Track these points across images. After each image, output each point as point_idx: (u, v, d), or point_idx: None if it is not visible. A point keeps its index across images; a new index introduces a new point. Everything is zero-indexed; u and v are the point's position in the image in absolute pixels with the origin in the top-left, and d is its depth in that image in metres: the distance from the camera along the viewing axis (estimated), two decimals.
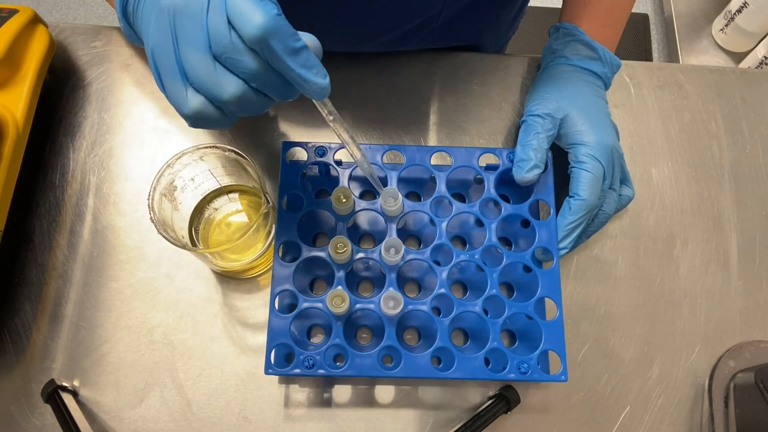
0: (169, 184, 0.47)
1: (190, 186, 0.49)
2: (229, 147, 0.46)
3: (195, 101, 0.34)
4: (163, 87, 0.36)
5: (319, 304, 0.46)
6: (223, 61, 0.33)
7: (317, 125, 0.58)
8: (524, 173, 0.48)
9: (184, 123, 0.37)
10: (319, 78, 0.35)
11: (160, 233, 0.43)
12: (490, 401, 0.49)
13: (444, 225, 0.49)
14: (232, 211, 0.54)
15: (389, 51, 0.61)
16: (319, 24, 0.57)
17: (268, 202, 0.44)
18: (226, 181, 0.52)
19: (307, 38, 0.35)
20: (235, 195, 0.54)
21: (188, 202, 0.51)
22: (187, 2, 0.33)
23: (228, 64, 0.34)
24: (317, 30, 0.38)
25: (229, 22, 0.33)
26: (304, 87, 0.35)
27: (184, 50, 0.33)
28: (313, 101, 0.39)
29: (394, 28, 0.58)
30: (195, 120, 0.36)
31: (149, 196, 0.44)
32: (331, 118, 0.41)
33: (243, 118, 0.58)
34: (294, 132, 0.58)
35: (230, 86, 0.34)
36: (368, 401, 0.50)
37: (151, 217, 0.43)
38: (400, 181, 0.50)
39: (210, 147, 0.46)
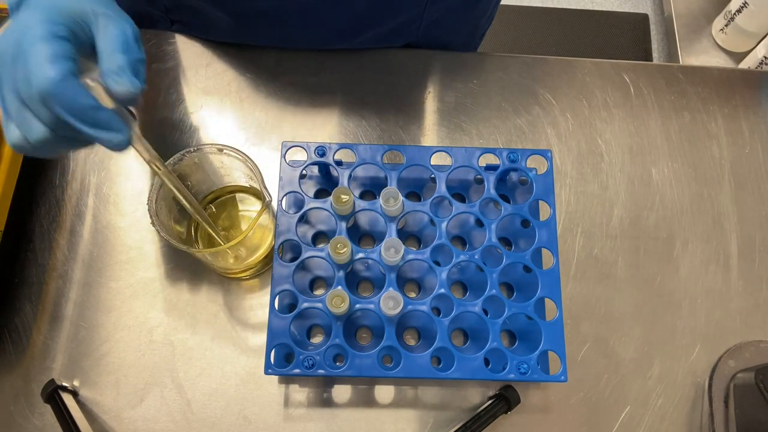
0: (168, 187, 0.47)
1: (188, 187, 0.49)
2: (227, 146, 0.46)
3: (14, 135, 0.36)
4: None
5: (319, 304, 0.46)
6: (29, 107, 0.34)
7: (317, 125, 0.58)
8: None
9: (184, 123, 0.37)
10: (111, 135, 0.35)
11: (161, 235, 0.43)
12: (490, 401, 0.49)
13: (444, 225, 0.49)
14: (232, 211, 0.54)
15: (377, 47, 0.61)
16: (308, 20, 0.57)
17: (269, 198, 0.44)
18: (224, 182, 0.52)
19: (118, 86, 0.35)
20: (234, 196, 0.54)
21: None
22: (5, 47, 0.34)
23: (33, 111, 0.34)
24: (305, 26, 0.38)
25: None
26: (98, 142, 0.36)
27: (4, 90, 0.35)
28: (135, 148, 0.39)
29: (379, 24, 0.58)
30: (17, 150, 0.37)
31: (149, 200, 0.44)
32: (147, 157, 0.40)
33: (243, 118, 0.58)
34: (294, 132, 0.58)
35: (36, 131, 0.35)
36: (368, 401, 0.50)
37: (152, 221, 0.43)
38: (400, 181, 0.50)
39: (207, 147, 0.46)
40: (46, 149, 0.37)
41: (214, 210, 0.53)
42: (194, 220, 0.52)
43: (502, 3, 0.69)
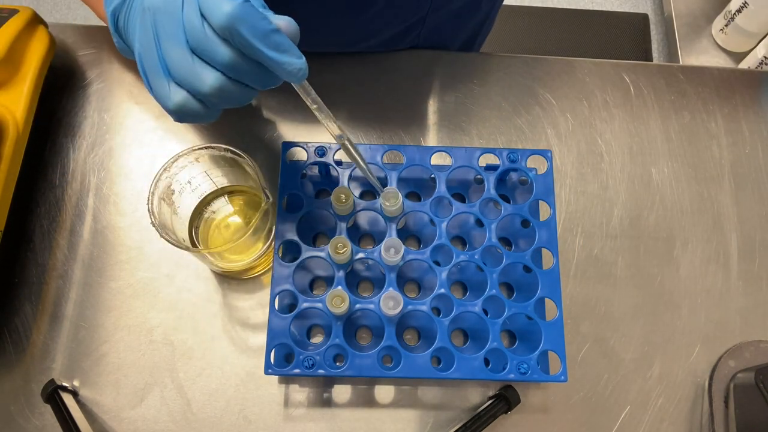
0: (167, 188, 0.47)
1: (187, 189, 0.49)
2: (225, 146, 0.46)
3: (178, 96, 0.36)
4: (149, 86, 0.37)
5: (319, 304, 0.46)
6: (200, 54, 0.34)
7: (317, 125, 0.58)
8: None
9: (185, 123, 0.37)
10: (294, 59, 0.35)
11: (162, 236, 0.43)
12: (490, 401, 0.49)
13: (444, 225, 0.49)
14: (232, 211, 0.54)
15: (379, 50, 0.61)
16: (310, 32, 0.57)
17: (268, 198, 0.44)
18: (224, 182, 0.52)
19: (282, 21, 0.35)
20: (234, 196, 0.54)
21: (187, 205, 0.51)
22: (165, 0, 0.34)
23: (205, 57, 0.34)
24: (306, 38, 0.38)
25: (202, 15, 0.34)
26: (279, 70, 0.36)
27: (165, 46, 0.35)
28: (296, 89, 0.40)
29: (384, 31, 0.58)
30: (179, 114, 0.37)
31: (148, 200, 0.44)
32: (315, 106, 0.41)
33: (243, 118, 0.58)
34: (294, 132, 0.58)
35: (209, 78, 0.35)
36: (368, 401, 0.50)
37: (152, 221, 0.43)
38: (400, 181, 0.50)
39: (205, 148, 0.46)
40: (214, 103, 0.36)
41: (212, 212, 0.53)
42: (199, 218, 0.52)
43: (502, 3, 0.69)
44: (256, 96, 0.39)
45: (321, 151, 0.50)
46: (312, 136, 0.58)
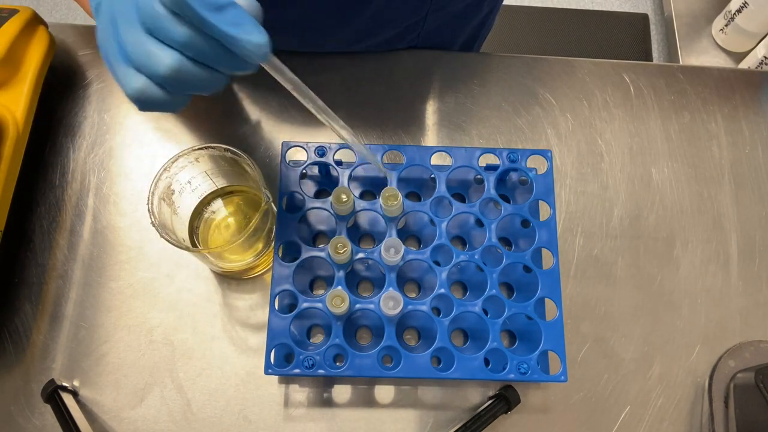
0: (167, 188, 0.47)
1: (187, 189, 0.49)
2: (225, 146, 0.46)
3: (138, 82, 0.33)
4: (114, 74, 0.35)
5: (319, 304, 0.46)
6: (156, 34, 0.32)
7: (317, 125, 0.58)
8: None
9: (185, 123, 0.37)
10: (252, 36, 0.32)
11: (162, 236, 0.43)
12: (490, 401, 0.49)
13: (444, 225, 0.49)
14: (232, 212, 0.54)
15: (379, 50, 0.61)
16: (307, 32, 0.57)
17: (268, 198, 0.44)
18: (224, 182, 0.52)
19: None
20: (234, 196, 0.54)
21: (187, 205, 0.51)
22: None
23: (160, 36, 0.32)
24: (304, 38, 0.37)
25: None
26: (237, 47, 0.33)
27: (122, 29, 0.33)
28: (268, 71, 0.37)
29: (383, 31, 0.58)
30: (140, 102, 0.34)
31: (148, 200, 0.44)
32: (290, 86, 0.37)
33: (243, 118, 0.58)
34: (294, 132, 0.58)
35: (166, 59, 0.32)
36: (368, 401, 0.50)
37: (152, 221, 0.43)
38: (400, 181, 0.50)
39: (205, 148, 0.46)
40: (176, 87, 0.34)
41: (212, 212, 0.53)
42: (199, 218, 0.52)
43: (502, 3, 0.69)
44: (225, 82, 0.36)
45: (321, 151, 0.50)
46: (312, 136, 0.58)
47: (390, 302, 0.45)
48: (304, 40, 0.59)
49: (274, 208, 0.49)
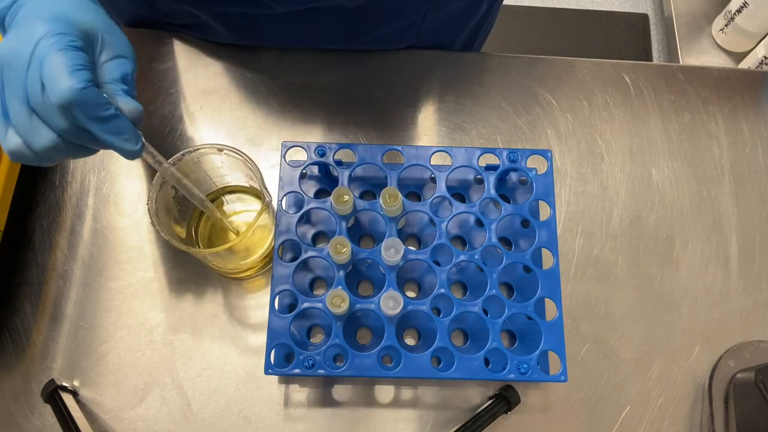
0: (167, 188, 0.47)
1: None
2: (227, 146, 0.46)
3: (13, 142, 0.36)
4: None
5: (319, 304, 0.46)
6: (39, 114, 0.35)
7: (317, 125, 0.58)
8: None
9: (184, 123, 0.37)
10: (128, 144, 0.37)
11: (162, 236, 0.43)
12: (490, 401, 0.49)
13: (444, 225, 0.49)
14: (232, 212, 0.54)
15: (378, 48, 0.61)
16: (306, 27, 0.57)
17: (269, 198, 0.44)
18: (224, 182, 0.52)
19: (126, 105, 0.37)
20: (234, 196, 0.54)
21: (187, 204, 0.51)
22: (14, 53, 0.34)
23: (43, 118, 0.35)
24: (303, 33, 0.38)
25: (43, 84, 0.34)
26: (114, 149, 0.37)
27: (8, 95, 0.35)
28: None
29: (381, 27, 0.58)
30: (13, 158, 0.37)
31: (149, 200, 0.44)
32: (157, 165, 0.41)
33: (243, 118, 0.58)
34: (294, 132, 0.58)
35: (43, 138, 0.35)
36: (368, 401, 0.50)
37: (152, 221, 0.43)
38: (400, 181, 0.50)
39: (207, 147, 0.46)
40: (48, 157, 0.37)
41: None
42: (199, 218, 0.52)
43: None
44: (95, 152, 0.39)
45: (321, 151, 0.50)
46: (312, 136, 0.58)
47: (390, 302, 0.45)
48: (304, 36, 0.59)
49: (274, 208, 0.49)
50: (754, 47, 1.39)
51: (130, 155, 0.37)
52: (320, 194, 0.55)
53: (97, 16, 0.38)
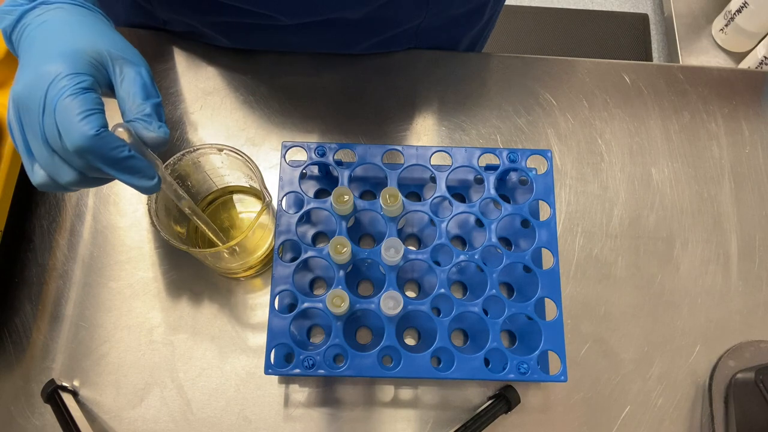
0: (168, 188, 0.47)
1: (188, 188, 0.49)
2: (227, 146, 0.46)
3: (39, 175, 0.37)
4: (19, 152, 0.38)
5: (319, 304, 0.46)
6: (59, 155, 0.35)
7: (317, 125, 0.58)
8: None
9: (184, 123, 0.37)
10: (144, 181, 0.37)
11: (162, 236, 0.43)
12: (490, 401, 0.49)
13: (444, 225, 0.49)
14: (232, 212, 0.54)
15: (376, 51, 0.61)
16: (306, 34, 0.57)
17: (269, 198, 0.44)
18: (225, 182, 0.52)
19: (149, 135, 0.37)
20: (234, 196, 0.54)
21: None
22: (29, 97, 0.35)
23: (63, 158, 0.35)
24: (302, 41, 0.38)
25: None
26: (132, 187, 0.37)
27: (29, 137, 0.36)
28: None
29: (380, 33, 0.58)
30: (41, 189, 0.38)
31: (149, 199, 0.44)
32: (177, 199, 0.42)
33: (243, 118, 0.58)
34: (294, 132, 0.58)
35: (66, 175, 0.36)
36: (368, 401, 0.50)
37: (152, 221, 0.43)
38: (400, 181, 0.50)
39: (207, 147, 0.46)
40: (73, 188, 0.37)
41: (213, 212, 0.53)
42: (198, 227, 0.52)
43: None
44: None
45: (321, 150, 0.50)
46: (312, 136, 0.58)
47: (390, 302, 0.45)
48: (305, 41, 0.59)
49: (274, 208, 0.49)
50: (754, 47, 1.39)
51: (147, 191, 0.38)
52: (320, 194, 0.55)
53: (100, 35, 0.37)
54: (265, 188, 0.45)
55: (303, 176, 0.50)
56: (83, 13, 0.38)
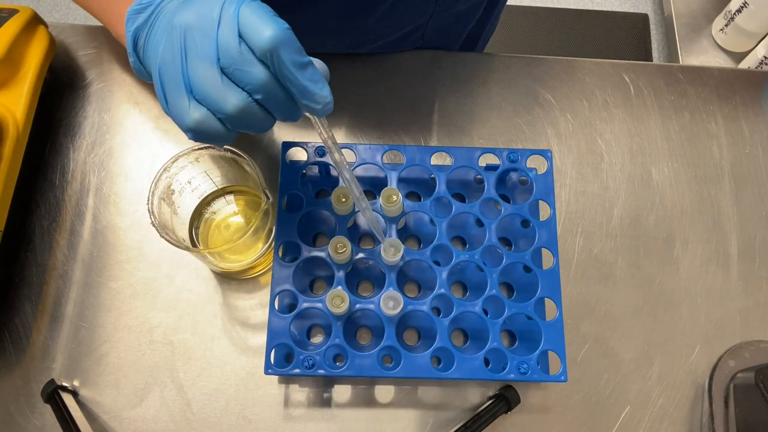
0: (167, 188, 0.47)
1: (187, 189, 0.49)
2: (225, 146, 0.46)
3: (197, 113, 0.35)
4: (166, 101, 0.37)
5: (319, 304, 0.46)
6: (230, 74, 0.35)
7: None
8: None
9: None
10: (324, 92, 0.36)
11: (162, 236, 0.43)
12: (490, 401, 0.49)
13: (444, 225, 0.49)
14: (232, 212, 0.54)
15: (383, 51, 0.61)
16: (316, 28, 0.57)
17: (268, 198, 0.44)
18: (224, 182, 0.52)
19: (316, 60, 0.37)
20: (234, 196, 0.54)
21: (187, 205, 0.51)
22: (199, 17, 0.34)
23: (235, 77, 0.35)
24: (307, 42, 0.38)
25: (240, 36, 0.34)
26: (308, 99, 0.36)
27: (192, 63, 0.35)
28: (313, 123, 0.40)
29: (388, 33, 0.58)
30: (196, 133, 0.37)
31: (148, 200, 0.44)
32: (329, 143, 0.42)
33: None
34: (294, 132, 0.58)
35: (234, 98, 0.35)
36: (368, 401, 0.50)
37: (152, 221, 0.43)
38: (400, 181, 0.50)
39: (205, 148, 0.46)
40: (235, 124, 0.36)
41: (213, 213, 0.53)
42: (199, 218, 0.52)
43: None
44: (270, 127, 0.39)
45: (321, 151, 0.50)
46: (312, 136, 0.58)
47: (390, 302, 0.45)
48: (312, 42, 0.59)
49: (274, 208, 0.49)
50: (754, 47, 1.39)
51: (326, 106, 0.37)
52: (320, 194, 0.55)
53: None
54: (265, 188, 0.45)
55: (303, 176, 0.50)
56: None
